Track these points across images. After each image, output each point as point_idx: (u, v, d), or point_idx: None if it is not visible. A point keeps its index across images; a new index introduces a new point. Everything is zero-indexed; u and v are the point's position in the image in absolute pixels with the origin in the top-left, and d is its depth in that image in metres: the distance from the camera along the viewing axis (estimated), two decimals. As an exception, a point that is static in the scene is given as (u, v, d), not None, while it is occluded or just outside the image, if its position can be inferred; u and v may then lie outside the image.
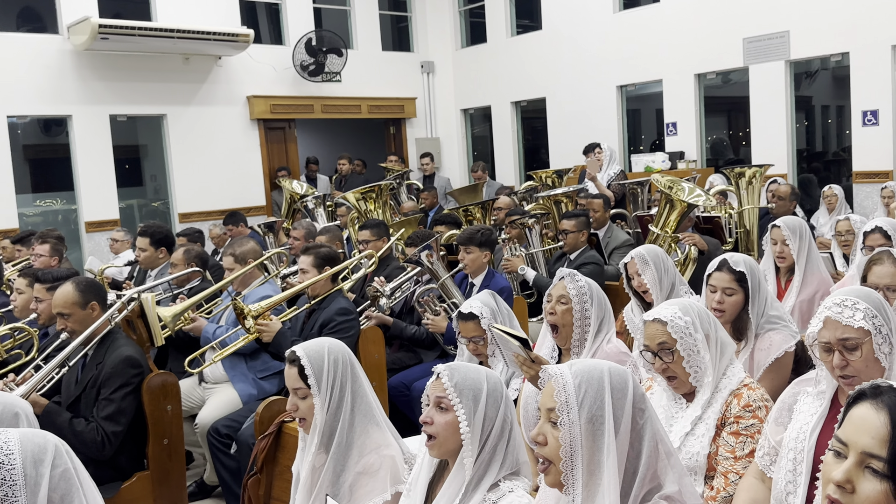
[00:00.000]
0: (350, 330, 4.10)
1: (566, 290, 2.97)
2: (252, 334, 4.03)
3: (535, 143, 12.41)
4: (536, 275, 5.56)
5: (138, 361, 3.43)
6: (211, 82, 10.58)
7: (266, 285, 4.74)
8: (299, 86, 11.30)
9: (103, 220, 9.79)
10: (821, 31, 8.80)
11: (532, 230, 5.85)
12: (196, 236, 6.69)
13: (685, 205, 5.45)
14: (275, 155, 11.28)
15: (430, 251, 4.73)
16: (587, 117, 10.90)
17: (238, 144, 10.82)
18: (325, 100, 11.54)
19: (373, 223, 5.64)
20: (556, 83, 11.31)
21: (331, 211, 8.36)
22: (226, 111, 10.71)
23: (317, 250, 4.32)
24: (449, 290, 4.70)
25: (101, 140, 9.75)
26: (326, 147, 13.28)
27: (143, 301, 3.89)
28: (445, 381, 1.95)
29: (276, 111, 11.10)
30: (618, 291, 4.72)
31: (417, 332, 4.68)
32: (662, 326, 2.37)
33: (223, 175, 10.62)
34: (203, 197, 10.47)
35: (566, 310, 2.96)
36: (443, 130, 12.97)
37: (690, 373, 2.36)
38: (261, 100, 10.93)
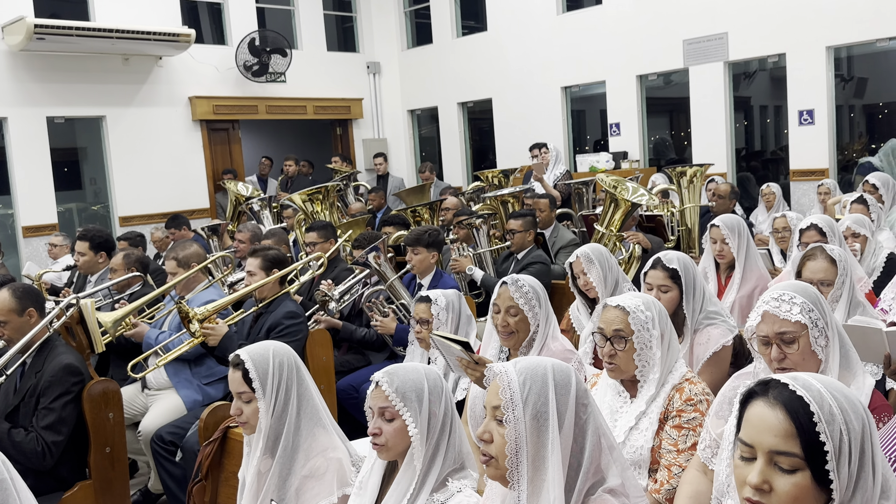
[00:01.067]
0: (298, 333, 4.07)
1: (514, 301, 2.95)
2: (197, 338, 3.98)
3: (482, 143, 12.47)
4: (484, 275, 5.58)
5: (78, 369, 3.35)
6: (152, 83, 10.39)
7: (210, 289, 4.68)
8: (243, 86, 11.17)
9: (41, 224, 9.54)
10: (758, 33, 9.03)
11: (479, 230, 5.87)
12: (137, 240, 6.56)
13: (629, 204, 5.53)
14: (218, 156, 11.12)
15: (377, 252, 4.71)
16: (533, 118, 10.99)
17: (180, 146, 10.64)
18: (269, 100, 11.43)
19: (320, 225, 5.59)
20: (501, 84, 11.38)
21: (277, 213, 8.27)
22: (167, 112, 10.53)
23: (265, 253, 4.28)
24: (397, 292, 4.70)
25: (38, 142, 9.50)
26: (272, 148, 13.13)
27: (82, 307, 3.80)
28: (386, 388, 1.96)
29: (220, 112, 10.95)
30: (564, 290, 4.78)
31: (367, 335, 4.66)
32: (623, 314, 2.40)
33: (165, 177, 10.44)
34: (144, 200, 10.28)
35: (519, 320, 2.95)
36: (390, 131, 12.95)
37: (638, 365, 2.40)
38: (203, 100, 10.77)
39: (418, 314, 3.33)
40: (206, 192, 10.91)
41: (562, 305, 4.52)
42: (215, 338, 3.96)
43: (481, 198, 7.54)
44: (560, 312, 3.94)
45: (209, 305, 4.06)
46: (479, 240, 5.87)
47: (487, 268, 5.79)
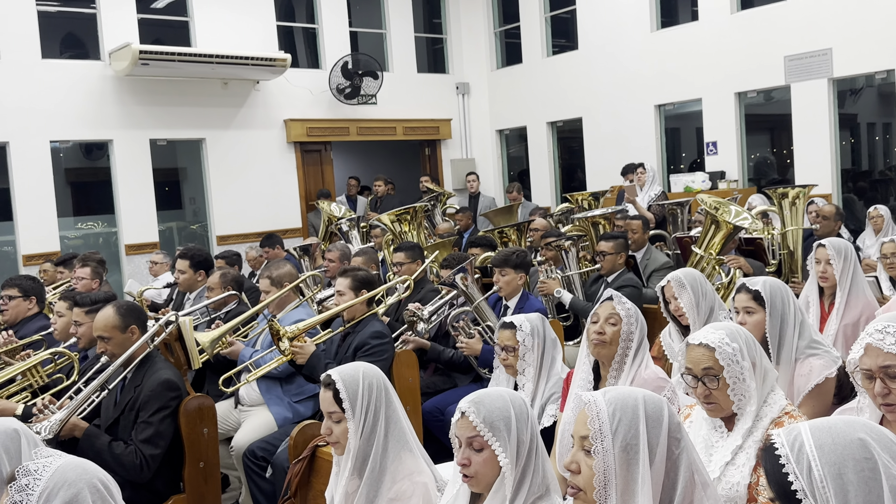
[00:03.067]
0: (384, 354, 4.12)
1: (615, 310, 2.99)
2: (287, 356, 4.07)
3: (572, 163, 12.39)
4: (573, 298, 5.55)
5: (176, 384, 3.48)
6: (249, 106, 10.77)
7: (300, 308, 4.79)
8: (335, 108, 11.46)
9: (143, 242, 9.97)
10: (864, 48, 8.69)
11: (568, 252, 5.84)
12: (234, 259, 6.79)
13: (731, 226, 5.41)
14: (311, 177, 11.42)
15: (464, 274, 4.74)
16: (625, 137, 10.86)
17: (275, 167, 10.97)
18: (360, 122, 11.68)
19: (407, 246, 5.66)
20: (592, 103, 11.31)
21: (365, 233, 8.42)
22: (263, 134, 10.89)
23: (354, 273, 4.36)
24: (483, 313, 4.71)
25: (142, 164, 9.96)
26: (362, 169, 13.39)
27: (180, 325, 3.96)
28: (473, 417, 1.98)
29: (313, 134, 11.25)
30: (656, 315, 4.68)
31: (454, 356, 4.68)
32: (709, 352, 2.36)
33: (260, 197, 10.77)
34: (241, 219, 10.63)
35: (616, 331, 2.97)
36: (478, 151, 13.03)
37: (734, 400, 2.35)
38: (297, 123, 11.09)
39: (503, 341, 3.33)
40: (299, 211, 11.20)
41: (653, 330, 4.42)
42: (303, 356, 4.04)
43: (570, 219, 7.48)
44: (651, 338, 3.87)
45: (299, 324, 4.14)
46: (568, 262, 5.84)
47: (576, 291, 5.74)
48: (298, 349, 4.04)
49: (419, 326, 4.69)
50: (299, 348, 4.04)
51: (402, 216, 6.94)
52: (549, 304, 5.62)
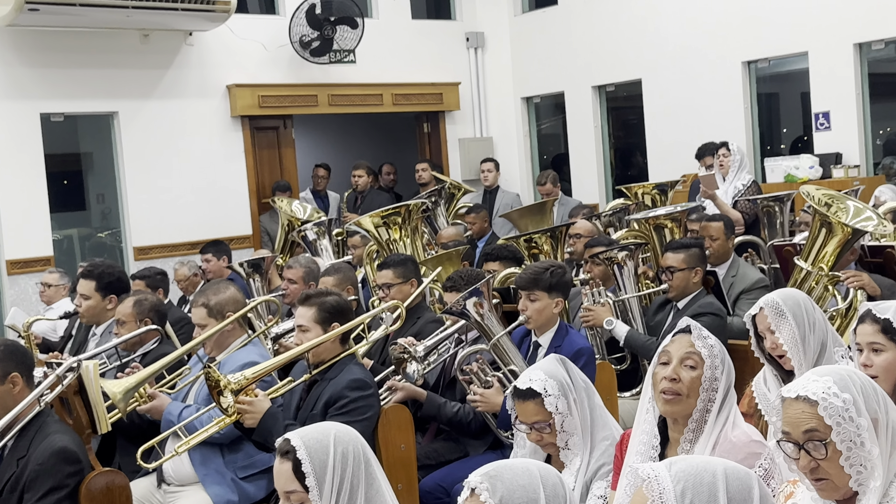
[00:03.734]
0: (366, 411, 4.11)
1: (694, 347, 2.99)
2: (231, 416, 4.07)
3: (628, 143, 12.38)
4: (630, 331, 5.54)
5: (75, 455, 3.48)
6: (178, 67, 10.79)
7: (249, 347, 4.78)
8: (298, 70, 11.48)
9: (31, 257, 9.93)
10: None
11: (623, 267, 5.83)
12: (157, 279, 6.79)
13: (850, 231, 5.41)
14: (265, 165, 11.43)
15: (478, 298, 4.74)
16: (701, 107, 10.86)
17: (215, 151, 10.98)
18: (333, 88, 11.69)
19: (397, 260, 5.65)
20: (655, 60, 11.31)
21: (340, 242, 8.42)
22: (198, 106, 10.89)
23: (321, 300, 4.36)
24: (504, 354, 4.70)
25: (29, 147, 9.91)
26: (335, 153, 13.41)
27: (83, 372, 3.96)
28: (487, 498, 1.98)
29: (268, 105, 11.26)
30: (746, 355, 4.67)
31: (461, 413, 4.67)
32: (811, 407, 2.36)
33: (194, 194, 10.75)
34: (166, 225, 10.61)
35: (696, 377, 2.97)
36: (497, 128, 13.04)
37: (851, 473, 2.34)
38: (246, 90, 11.10)
39: (528, 418, 3.32)
40: (248, 213, 11.22)
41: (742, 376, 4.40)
42: (253, 416, 4.03)
43: (626, 221, 7.47)
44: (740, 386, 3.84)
45: (247, 371, 4.14)
46: (623, 281, 5.83)
47: (634, 321, 5.73)
48: (246, 406, 4.03)
49: (410, 368, 4.68)
50: (248, 405, 4.03)
51: (391, 218, 6.94)
52: (596, 339, 5.60)
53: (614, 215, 7.94)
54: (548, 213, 8.72)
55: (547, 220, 8.47)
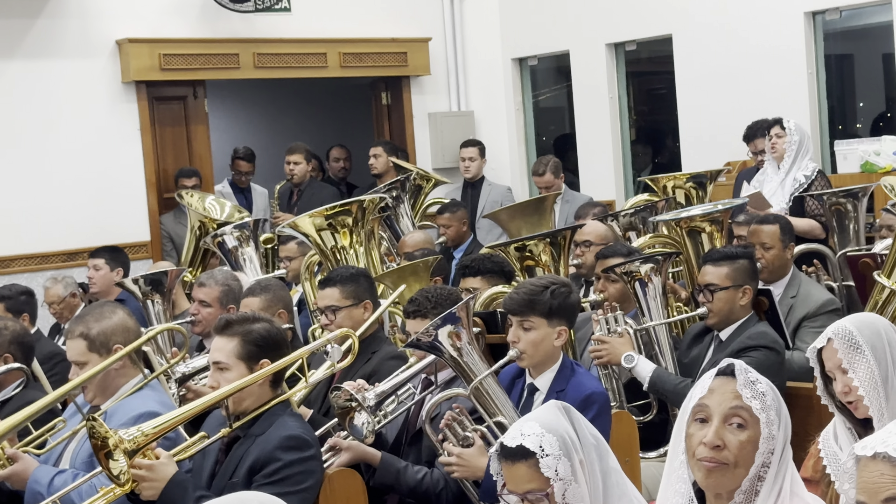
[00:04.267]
0: (304, 479, 4.13)
1: (742, 400, 2.97)
2: (123, 485, 4.06)
3: (654, 120, 12.43)
4: (656, 370, 5.55)
5: None
6: (50, 17, 10.74)
7: (146, 393, 4.76)
8: (214, 21, 11.47)
9: None
10: None
11: (647, 285, 5.86)
12: (21, 301, 6.76)
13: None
14: (168, 146, 11.40)
15: (454, 327, 4.71)
16: (751, 73, 10.91)
17: (101, 129, 10.94)
18: (260, 45, 11.67)
19: (347, 275, 5.67)
20: (691, 10, 11.36)
21: (270, 251, 8.39)
22: (78, 68, 10.85)
23: (246, 328, 4.36)
24: (489, 400, 4.68)
25: None
26: (264, 132, 13.42)
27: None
28: None
29: (172, 67, 11.23)
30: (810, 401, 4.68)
31: (428, 480, 4.67)
32: (893, 468, 2.36)
33: (73, 186, 10.73)
34: (34, 228, 10.57)
35: (745, 441, 2.96)
36: (480, 98, 13.06)
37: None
38: (142, 47, 11.07)
39: (519, 484, 3.27)
40: (145, 211, 11.18)
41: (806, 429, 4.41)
42: (154, 485, 4.02)
43: (651, 223, 7.48)
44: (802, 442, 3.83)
45: (145, 425, 4.12)
46: (647, 304, 5.85)
47: (662, 357, 5.77)
48: (145, 472, 4.03)
49: (359, 421, 4.66)
50: (146, 470, 4.03)
51: (339, 219, 6.92)
52: (612, 381, 5.62)
53: (636, 215, 7.96)
54: (547, 212, 8.72)
55: (545, 221, 8.47)
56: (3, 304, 6.71)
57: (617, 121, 12.20)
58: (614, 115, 12.19)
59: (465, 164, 11.22)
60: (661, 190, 8.30)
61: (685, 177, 8.27)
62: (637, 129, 12.37)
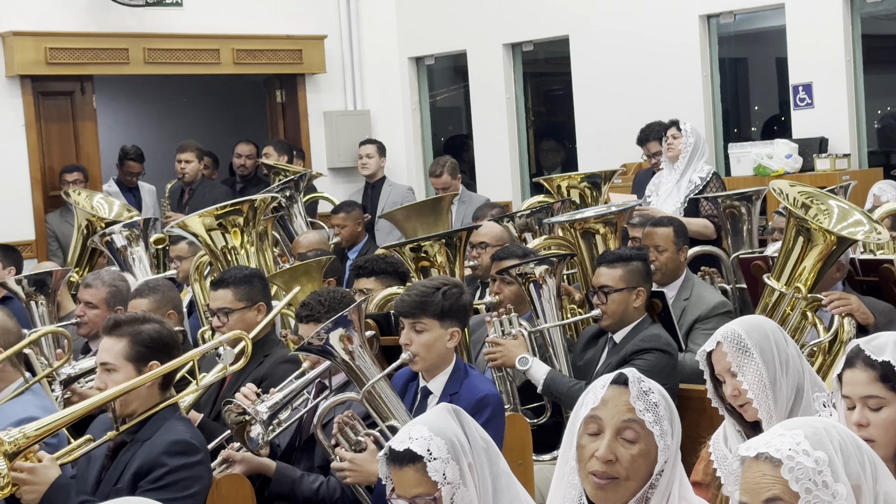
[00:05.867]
0: (190, 485, 4.11)
1: (635, 413, 2.98)
2: (3, 489, 4.01)
3: (551, 121, 12.49)
4: (550, 373, 5.56)
5: None
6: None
7: (27, 397, 4.72)
8: (102, 14, 11.36)
9: None
10: None
11: (542, 287, 5.88)
12: None
13: (834, 239, 5.52)
14: (54, 143, 11.28)
15: (346, 330, 4.71)
16: (647, 75, 11.00)
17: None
18: (151, 40, 11.59)
19: (240, 276, 5.63)
20: (588, 11, 11.43)
21: (160, 251, 8.31)
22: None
23: (135, 328, 4.33)
24: (382, 405, 4.68)
25: None
26: (153, 129, 13.27)
27: None
28: None
29: (59, 61, 11.11)
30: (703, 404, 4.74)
31: (324, 489, 4.66)
32: (774, 469, 2.40)
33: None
34: None
35: (637, 455, 2.97)
36: (376, 97, 13.05)
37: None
38: (27, 40, 10.95)
39: (407, 489, 3.26)
40: (30, 209, 11.06)
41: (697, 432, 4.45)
42: (35, 488, 3.98)
43: (546, 224, 7.53)
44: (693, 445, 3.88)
45: (27, 427, 4.08)
46: (542, 306, 5.87)
47: (555, 358, 5.78)
48: (26, 475, 3.99)
49: (253, 432, 4.65)
50: (28, 473, 3.99)
51: (230, 219, 6.87)
52: (506, 384, 5.63)
53: (532, 217, 7.97)
54: (443, 213, 8.69)
55: (442, 222, 8.45)
56: None
57: (514, 121, 12.26)
58: (511, 115, 12.24)
59: (362, 161, 11.19)
60: (556, 190, 8.33)
61: (580, 177, 8.30)
62: (533, 130, 12.42)
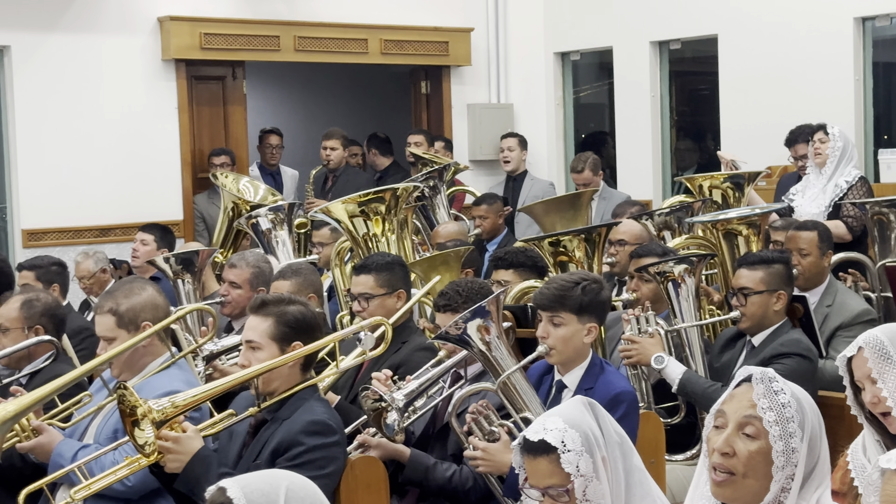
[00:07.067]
0: (326, 464, 4.13)
1: (756, 409, 2.95)
2: (148, 456, 4.06)
3: (696, 121, 12.35)
4: (686, 373, 5.54)
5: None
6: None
7: (172, 371, 4.79)
8: (256, 2, 11.48)
9: None
10: None
11: (680, 286, 5.84)
12: (54, 273, 6.80)
13: None
14: (205, 126, 11.40)
15: (483, 320, 4.71)
16: (796, 77, 10.84)
17: (139, 106, 10.93)
18: (302, 28, 11.65)
19: (382, 263, 5.65)
20: (738, 11, 11.30)
21: (303, 236, 8.40)
22: (118, 45, 10.84)
23: (281, 309, 4.37)
24: (517, 396, 4.69)
25: None
26: (301, 116, 13.36)
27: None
28: None
29: (212, 46, 11.22)
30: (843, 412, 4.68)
31: (457, 478, 4.67)
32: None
33: (109, 162, 10.73)
34: (69, 202, 10.58)
35: (755, 452, 2.94)
36: (520, 91, 13.01)
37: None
38: (184, 25, 11.05)
39: (540, 479, 3.26)
40: (179, 190, 11.19)
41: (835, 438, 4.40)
42: (178, 458, 4.03)
43: (686, 224, 7.49)
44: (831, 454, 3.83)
45: (177, 397, 4.12)
46: (680, 305, 5.84)
47: (693, 359, 5.75)
48: (171, 444, 4.02)
49: (389, 418, 4.67)
50: (172, 442, 4.02)
51: (372, 206, 6.92)
52: (640, 381, 5.61)
53: (672, 215, 7.90)
54: (583, 208, 8.66)
55: (581, 217, 8.42)
56: (34, 273, 6.74)
57: (658, 120, 12.16)
58: (655, 113, 12.15)
59: (504, 154, 11.20)
60: (698, 190, 8.27)
61: (723, 177, 8.22)
62: (677, 129, 12.31)
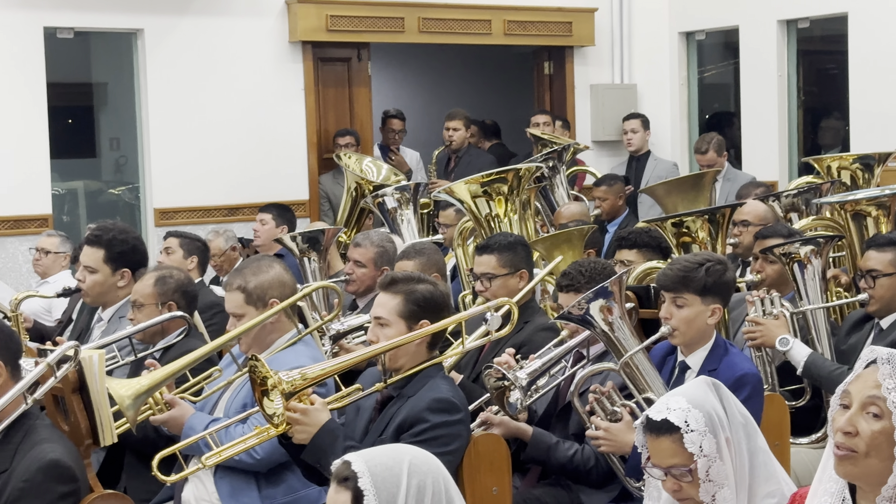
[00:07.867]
0: (450, 441, 4.15)
1: (882, 389, 2.89)
2: (277, 426, 4.11)
3: (824, 101, 12.16)
4: (812, 355, 5.47)
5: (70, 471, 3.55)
6: (222, -25, 10.89)
7: (299, 348, 4.84)
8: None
9: (23, 215, 10.07)
10: None
11: (806, 268, 5.78)
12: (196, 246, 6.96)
13: None
14: (330, 108, 11.46)
15: (606, 301, 4.71)
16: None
17: (267, 87, 11.04)
18: (426, 10, 11.66)
19: (505, 243, 5.65)
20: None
21: (427, 215, 8.42)
22: (247, 27, 10.95)
23: (411, 287, 4.39)
24: (639, 376, 4.68)
25: (28, 72, 10.04)
26: (424, 97, 13.39)
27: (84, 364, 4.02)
28: None
29: (338, 28, 11.27)
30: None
31: (579, 457, 4.67)
32: None
33: (237, 143, 10.85)
34: (199, 182, 10.70)
35: (878, 431, 2.88)
36: (644, 72, 12.93)
37: None
38: (310, 7, 11.11)
39: (663, 458, 3.24)
40: (305, 170, 11.28)
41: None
42: (306, 429, 4.06)
43: (814, 205, 7.39)
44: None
45: (308, 370, 4.15)
46: (805, 287, 5.78)
47: (819, 342, 5.69)
48: (300, 415, 4.06)
49: (512, 397, 4.68)
50: (301, 413, 4.07)
51: (494, 186, 6.93)
52: (764, 364, 5.56)
53: (798, 197, 7.81)
54: (705, 189, 8.59)
55: (703, 198, 8.35)
56: (179, 241, 6.89)
57: (784, 100, 11.98)
58: (782, 94, 11.98)
59: (627, 136, 11.15)
60: (825, 171, 8.15)
61: (851, 158, 8.10)
62: (804, 109, 12.11)
